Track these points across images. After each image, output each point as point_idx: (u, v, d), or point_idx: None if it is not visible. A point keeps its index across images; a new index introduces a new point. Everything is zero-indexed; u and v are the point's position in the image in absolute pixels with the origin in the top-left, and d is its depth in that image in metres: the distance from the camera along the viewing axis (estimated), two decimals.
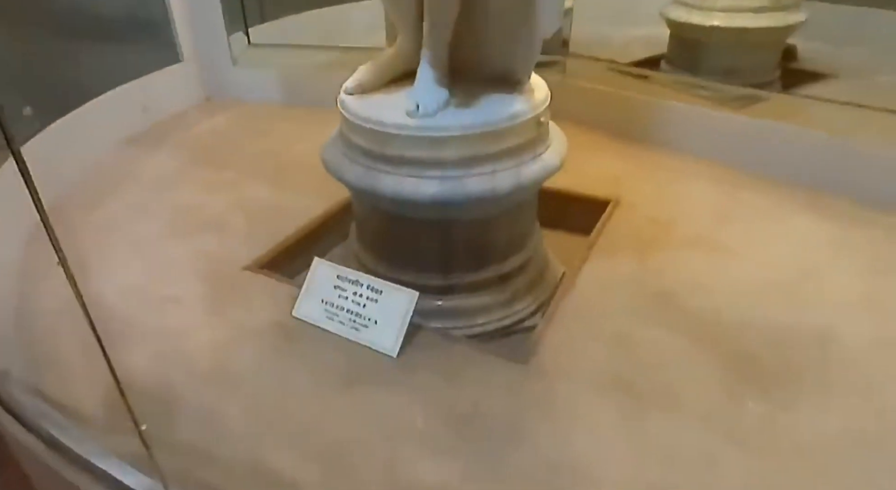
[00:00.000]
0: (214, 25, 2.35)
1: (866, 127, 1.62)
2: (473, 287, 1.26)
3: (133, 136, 2.14)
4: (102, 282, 1.37)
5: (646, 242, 1.42)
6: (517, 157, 1.13)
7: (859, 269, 1.30)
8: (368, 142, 1.13)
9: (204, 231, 1.57)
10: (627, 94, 1.92)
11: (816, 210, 1.51)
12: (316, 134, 2.14)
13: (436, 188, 1.09)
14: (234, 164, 1.94)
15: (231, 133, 2.18)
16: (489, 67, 1.19)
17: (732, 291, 1.25)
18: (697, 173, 1.72)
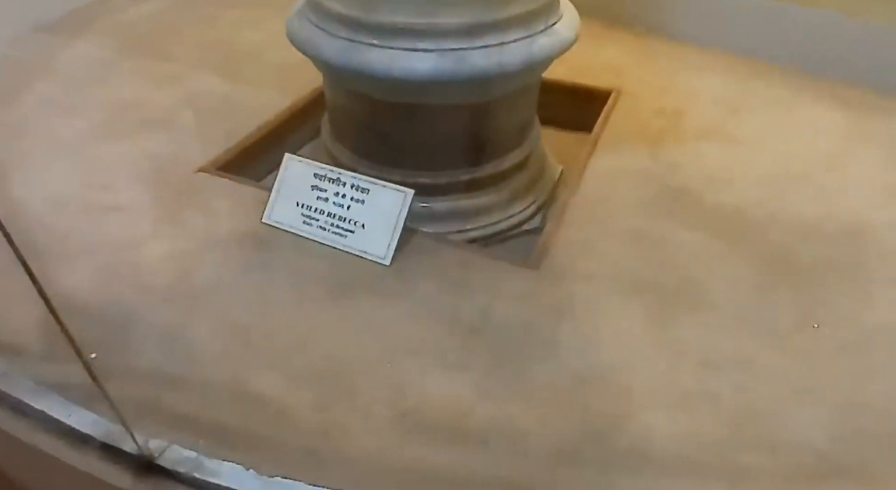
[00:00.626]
0: None
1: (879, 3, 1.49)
2: (469, 186, 1.11)
3: (45, 24, 1.81)
4: (22, 189, 1.15)
5: (654, 135, 1.29)
6: (527, 27, 0.95)
7: (881, 159, 1.22)
8: (348, 7, 0.93)
9: (145, 130, 1.34)
10: None
11: (832, 99, 1.41)
12: (268, 22, 1.86)
13: (433, 63, 0.90)
14: (176, 54, 1.66)
15: (168, 20, 1.87)
16: None
17: (752, 185, 1.15)
18: (703, 63, 1.57)
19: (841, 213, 1.08)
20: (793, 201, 1.10)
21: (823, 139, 1.27)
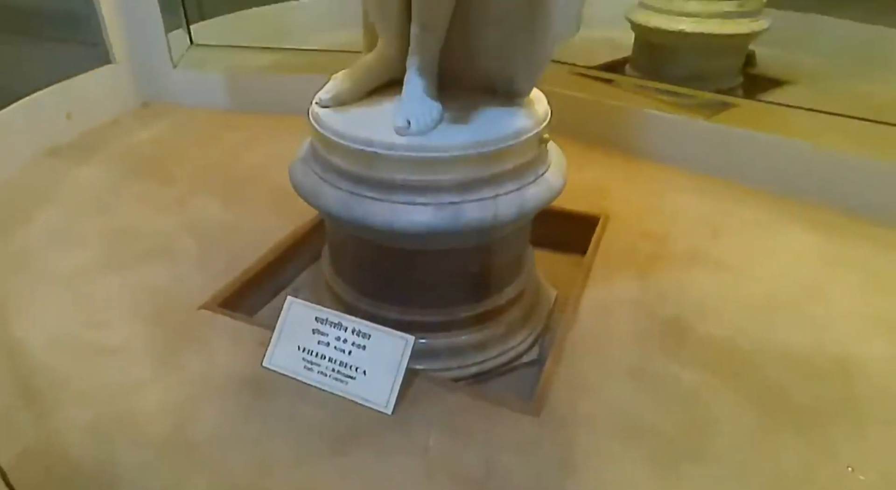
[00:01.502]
0: (151, 22, 2.11)
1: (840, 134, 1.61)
2: (468, 323, 1.13)
3: (56, 147, 1.89)
4: (22, 328, 1.15)
5: (642, 261, 1.33)
6: (519, 179, 1.01)
7: (860, 286, 1.26)
8: (350, 163, 0.98)
9: (147, 260, 1.36)
10: (603, 101, 1.84)
11: (806, 222, 1.47)
12: (267, 143, 1.96)
13: (431, 216, 0.95)
14: (178, 178, 1.72)
15: (172, 142, 1.95)
16: (485, 76, 1.06)
17: (741, 314, 1.18)
18: (682, 184, 1.65)
19: (830, 345, 1.10)
20: (782, 333, 1.13)
21: (804, 265, 1.32)
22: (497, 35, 1.00)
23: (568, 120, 1.84)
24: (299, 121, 1.08)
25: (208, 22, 2.61)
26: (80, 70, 2.02)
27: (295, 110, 1.98)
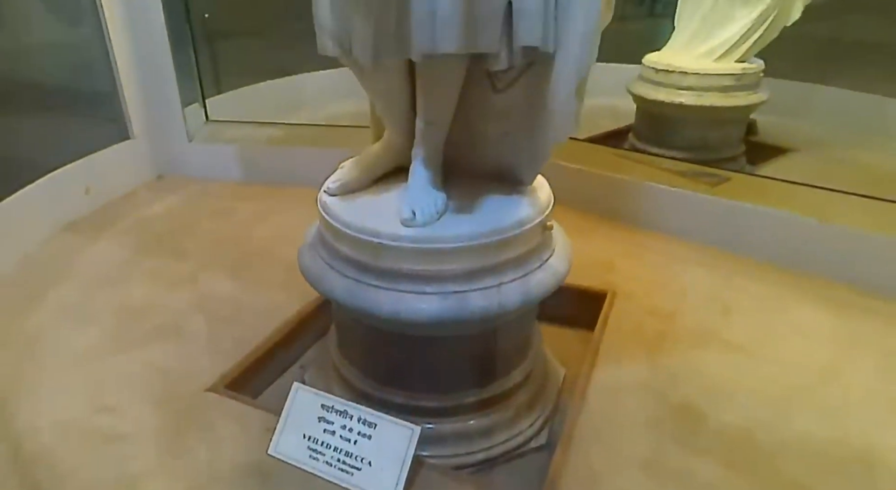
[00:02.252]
0: (169, 99, 2.21)
1: (846, 207, 1.62)
2: (475, 407, 1.12)
3: (73, 222, 1.94)
4: (30, 413, 1.15)
5: (651, 340, 1.33)
6: (523, 267, 1.02)
7: (876, 368, 1.24)
8: (357, 252, 1.00)
9: (157, 339, 1.37)
10: (607, 174, 1.87)
11: (817, 298, 1.46)
12: (278, 215, 2.01)
13: (437, 306, 0.96)
14: (191, 252, 1.76)
15: (186, 216, 2.00)
16: (489, 165, 1.09)
17: (756, 400, 1.15)
18: (688, 257, 1.65)
19: (849, 435, 1.07)
20: (798, 422, 1.10)
21: (816, 346, 1.30)
22: (499, 129, 1.03)
23: (572, 191, 1.88)
24: (309, 193, 1.12)
25: (224, 95, 2.72)
26: (99, 145, 2.10)
27: (305, 182, 2.04)
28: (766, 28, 1.97)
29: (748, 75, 2.03)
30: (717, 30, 2.02)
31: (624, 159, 2.06)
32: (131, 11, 2.04)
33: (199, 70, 2.46)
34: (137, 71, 2.13)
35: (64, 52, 2.06)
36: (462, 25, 0.82)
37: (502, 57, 0.88)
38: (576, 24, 0.80)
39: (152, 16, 2.05)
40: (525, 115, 0.99)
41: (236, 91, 2.81)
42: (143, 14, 2.05)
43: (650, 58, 2.17)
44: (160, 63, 2.12)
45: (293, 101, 2.87)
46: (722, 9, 2.00)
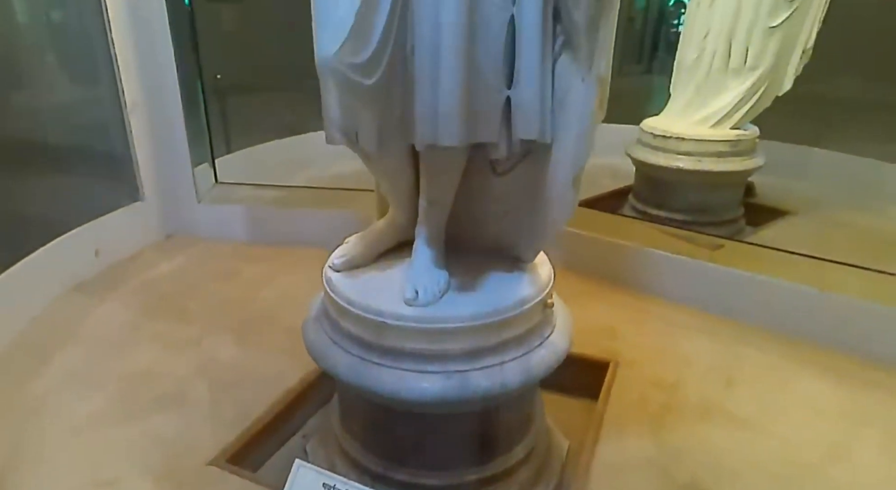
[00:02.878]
0: (180, 162, 2.27)
1: (846, 274, 1.63)
2: (477, 485, 1.11)
3: (81, 283, 1.96)
4: (32, 485, 1.14)
5: (655, 412, 1.32)
6: (525, 345, 1.03)
7: (883, 444, 1.22)
8: (361, 330, 1.01)
9: (159, 408, 1.37)
10: (609, 239, 1.90)
11: (821, 369, 1.46)
12: (284, 277, 2.03)
13: (439, 385, 0.96)
14: (196, 315, 1.77)
15: (192, 277, 2.03)
16: (490, 242, 1.12)
17: (762, 479, 1.14)
18: (690, 324, 1.66)
19: None
20: None
21: (822, 420, 1.29)
22: (500, 209, 1.07)
23: (575, 255, 1.91)
24: (315, 254, 1.14)
25: (233, 155, 2.80)
26: (111, 207, 2.15)
27: (311, 243, 2.09)
28: (759, 98, 2.04)
29: (743, 142, 2.08)
30: (711, 99, 2.09)
31: (625, 223, 2.09)
32: (146, 71, 2.12)
33: (209, 131, 2.53)
34: (150, 131, 2.21)
35: (80, 112, 2.14)
36: (463, 120, 0.87)
37: (502, 147, 0.92)
38: (571, 121, 0.84)
39: (166, 76, 2.13)
40: (525, 197, 1.02)
41: (245, 150, 2.89)
42: (157, 73, 2.13)
43: (648, 123, 2.24)
44: (172, 124, 2.20)
45: (301, 160, 2.94)
46: (715, 79, 2.07)
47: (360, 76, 0.87)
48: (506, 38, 0.85)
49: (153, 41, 2.08)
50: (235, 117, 2.91)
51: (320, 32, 0.86)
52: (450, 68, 0.84)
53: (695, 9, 2.09)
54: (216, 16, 3.01)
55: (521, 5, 0.82)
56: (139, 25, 2.06)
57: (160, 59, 2.11)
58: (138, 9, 2.04)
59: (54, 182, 2.00)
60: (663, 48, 4.03)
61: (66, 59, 2.08)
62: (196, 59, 2.34)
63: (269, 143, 3.03)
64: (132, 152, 2.21)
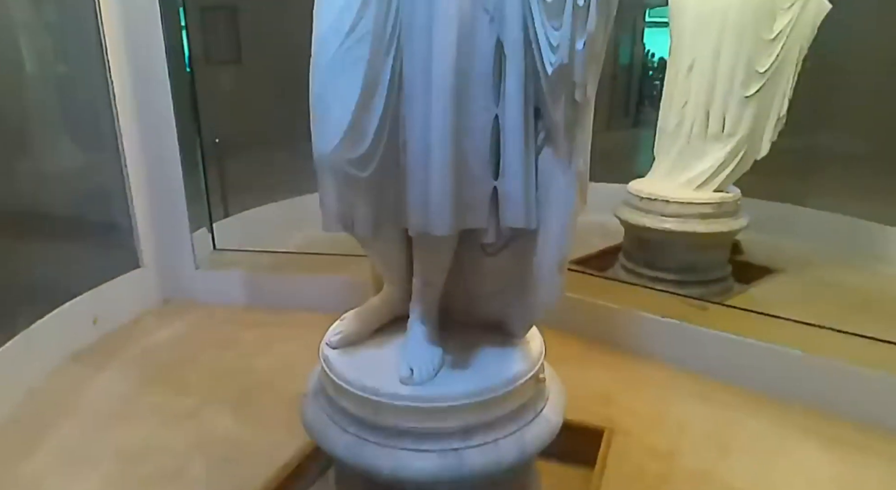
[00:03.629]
0: (179, 228, 2.32)
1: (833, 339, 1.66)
2: None
3: (79, 352, 1.97)
4: None
5: (652, 484, 1.32)
6: (518, 420, 1.05)
7: None
8: (358, 408, 1.03)
9: (156, 485, 1.37)
10: (601, 303, 1.93)
11: (814, 435, 1.47)
12: (281, 344, 2.05)
13: (435, 464, 0.98)
14: (193, 386, 1.78)
15: (190, 345, 2.04)
16: (483, 317, 1.16)
17: None
18: (683, 387, 1.68)
19: None
20: None
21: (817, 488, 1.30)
22: (491, 287, 1.11)
23: (569, 318, 1.94)
24: (311, 319, 1.16)
25: (231, 218, 2.86)
26: (110, 274, 2.18)
27: (307, 307, 2.12)
28: (739, 162, 2.13)
29: (727, 204, 2.15)
30: (693, 163, 2.18)
31: (617, 285, 2.14)
32: (147, 137, 2.19)
33: (208, 196, 2.59)
34: (150, 198, 2.26)
35: (83, 179, 2.19)
36: (452, 209, 0.92)
37: (491, 232, 0.98)
38: (555, 212, 0.90)
39: (167, 141, 2.19)
40: (515, 276, 1.07)
41: (243, 214, 2.95)
42: (158, 138, 2.19)
43: (634, 186, 2.31)
44: (173, 191, 2.25)
45: (297, 221, 2.98)
46: (696, 145, 2.16)
47: (356, 169, 0.93)
48: (491, 134, 0.91)
49: (155, 106, 2.15)
50: (233, 179, 2.97)
51: (318, 130, 0.92)
52: (440, 163, 0.89)
53: (673, 79, 2.20)
54: (215, 78, 3.12)
55: (505, 106, 0.89)
56: (141, 90, 2.13)
57: (162, 124, 2.17)
58: (141, 71, 2.11)
59: (56, 250, 2.04)
60: (647, 101, 4.20)
61: (71, 125, 2.15)
62: (197, 127, 2.41)
63: (266, 207, 3.09)
64: (132, 218, 2.25)
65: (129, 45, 2.10)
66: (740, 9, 1.99)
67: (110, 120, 2.13)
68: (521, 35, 0.84)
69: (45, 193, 2.05)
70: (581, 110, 0.84)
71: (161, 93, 2.14)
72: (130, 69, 2.12)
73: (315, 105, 0.91)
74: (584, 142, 0.87)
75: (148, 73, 2.12)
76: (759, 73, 2.03)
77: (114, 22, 2.06)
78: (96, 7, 2.01)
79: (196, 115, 2.41)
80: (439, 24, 0.84)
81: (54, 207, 2.10)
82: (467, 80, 0.86)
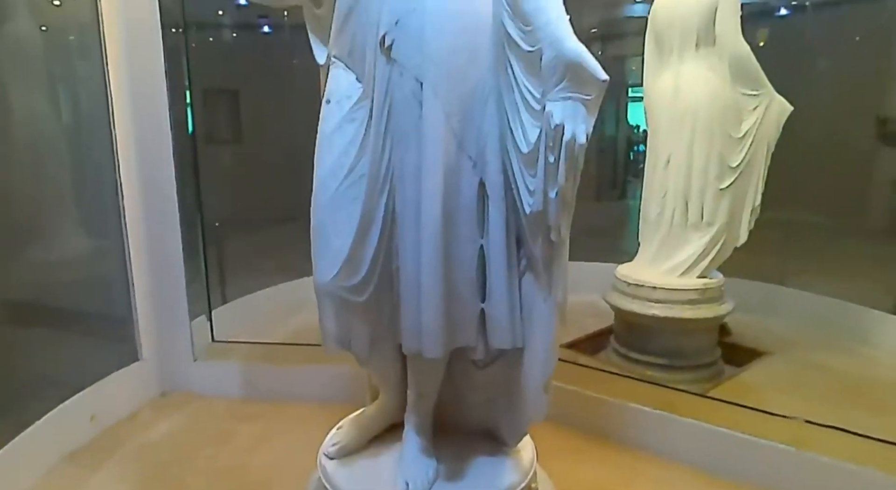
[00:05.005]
0: (179, 319, 2.36)
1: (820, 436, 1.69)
2: None
3: (76, 451, 1.97)
4: None
5: None
6: None
7: None
8: None
9: None
10: (596, 395, 1.96)
11: None
12: (279, 438, 2.05)
13: None
14: (192, 487, 1.77)
15: (188, 441, 2.04)
16: (474, 425, 1.20)
17: None
18: (677, 483, 1.69)
19: None
20: None
21: None
22: (482, 397, 1.16)
23: (562, 410, 1.96)
24: (309, 411, 1.17)
25: (230, 305, 2.91)
26: (109, 369, 2.20)
27: (305, 398, 2.13)
28: (719, 250, 2.22)
29: (711, 289, 2.23)
30: (675, 251, 2.27)
31: (609, 376, 2.17)
32: (150, 220, 2.25)
33: (208, 284, 2.64)
34: (151, 286, 2.30)
35: (86, 266, 2.23)
36: (443, 332, 0.99)
37: (479, 349, 1.04)
38: (538, 334, 0.97)
39: (169, 226, 2.25)
40: (504, 387, 1.12)
41: (241, 299, 3.00)
42: (160, 224, 2.24)
43: (621, 271, 2.39)
44: (173, 276, 2.29)
45: (294, 304, 3.03)
46: (677, 233, 2.26)
47: (353, 295, 1.00)
48: (478, 262, 0.99)
49: (160, 187, 2.21)
50: (231, 261, 3.04)
51: (318, 261, 1.01)
52: (430, 289, 0.97)
53: (652, 170, 2.33)
54: (216, 156, 3.23)
55: (489, 237, 0.98)
56: (147, 171, 2.21)
57: (165, 206, 2.24)
58: (147, 152, 2.20)
59: (57, 341, 2.07)
60: (632, 173, 4.36)
61: (78, 211, 2.21)
62: (199, 207, 2.46)
63: (264, 291, 3.15)
64: (133, 311, 2.30)
65: (137, 127, 2.18)
66: (708, 110, 2.14)
67: (116, 204, 2.19)
68: (501, 178, 0.94)
69: (48, 281, 2.09)
70: (557, 249, 0.92)
71: (166, 173, 2.21)
72: (137, 150, 2.19)
73: (315, 238, 1.00)
74: (562, 275, 0.95)
75: (154, 154, 2.19)
76: (731, 167, 2.16)
77: (124, 104, 2.15)
78: (107, 89, 2.11)
79: (198, 196, 2.45)
80: (427, 168, 0.94)
81: (57, 296, 2.15)
82: (454, 216, 0.95)
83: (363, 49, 0.93)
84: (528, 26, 0.85)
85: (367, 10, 0.90)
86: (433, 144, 0.90)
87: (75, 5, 2.18)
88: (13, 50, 2.00)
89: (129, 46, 2.14)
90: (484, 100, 0.91)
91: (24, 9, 2.05)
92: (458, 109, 0.90)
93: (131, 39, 2.14)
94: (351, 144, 0.96)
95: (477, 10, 0.89)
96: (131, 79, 2.16)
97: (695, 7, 2.14)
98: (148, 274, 2.31)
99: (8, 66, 1.98)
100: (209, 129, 3.13)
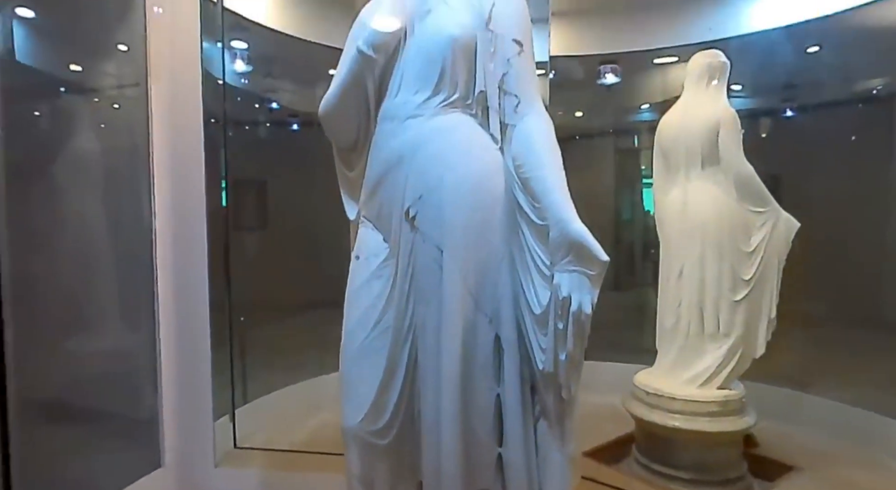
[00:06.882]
0: (203, 422, 2.38)
1: None
2: None
3: None
4: None
5: None
6: None
7: None
8: None
9: None
10: None
11: None
12: None
13: None
14: None
15: None
16: None
17: None
18: None
19: None
20: None
21: None
22: None
23: None
24: None
25: (250, 405, 2.93)
26: (130, 474, 2.21)
27: None
28: (737, 361, 2.23)
29: (732, 402, 2.21)
30: (694, 361, 2.28)
31: None
32: (181, 314, 2.30)
33: (233, 384, 2.68)
34: (179, 386, 2.33)
35: (119, 359, 2.27)
36: (463, 475, 1.03)
37: None
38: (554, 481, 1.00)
39: (199, 321, 2.30)
40: None
41: (263, 398, 3.03)
42: (190, 318, 2.29)
43: (640, 379, 2.39)
44: (200, 374, 2.32)
45: (314, 403, 3.03)
46: (694, 343, 2.28)
47: (377, 438, 1.06)
48: (495, 409, 1.05)
49: (192, 280, 2.28)
50: (254, 357, 3.07)
51: (345, 406, 1.07)
52: (450, 435, 1.02)
53: (665, 282, 2.39)
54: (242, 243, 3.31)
55: (505, 385, 1.04)
56: (181, 264, 2.28)
57: (197, 298, 2.28)
58: (183, 243, 2.27)
59: (81, 445, 2.09)
60: (650, 260, 4.37)
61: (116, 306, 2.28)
62: (228, 306, 2.51)
63: (285, 389, 3.18)
64: (159, 413, 2.33)
65: (175, 216, 2.27)
66: (717, 225, 2.23)
67: (150, 293, 2.24)
68: (515, 334, 1.01)
69: (81, 375, 2.13)
70: (568, 405, 0.98)
71: (199, 264, 2.26)
72: (173, 240, 2.27)
73: (343, 385, 1.07)
74: (574, 429, 0.99)
75: (188, 244, 2.26)
76: (744, 280, 2.21)
77: (164, 193, 2.25)
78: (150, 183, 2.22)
79: (228, 286, 2.50)
80: (447, 323, 1.01)
81: (86, 397, 2.19)
82: (471, 367, 1.02)
83: (390, 215, 1.04)
84: (538, 203, 0.95)
85: (394, 184, 1.01)
86: (452, 303, 0.98)
87: (128, 105, 2.32)
88: (73, 162, 2.17)
89: (174, 143, 2.25)
90: (498, 263, 1.00)
91: (87, 123, 2.24)
92: (475, 273, 0.99)
93: (176, 135, 2.24)
94: (378, 299, 1.04)
95: (491, 189, 1.00)
96: (172, 172, 2.27)
97: (696, 130, 2.27)
98: (175, 370, 2.34)
99: (67, 174, 2.14)
100: (237, 217, 3.25)
